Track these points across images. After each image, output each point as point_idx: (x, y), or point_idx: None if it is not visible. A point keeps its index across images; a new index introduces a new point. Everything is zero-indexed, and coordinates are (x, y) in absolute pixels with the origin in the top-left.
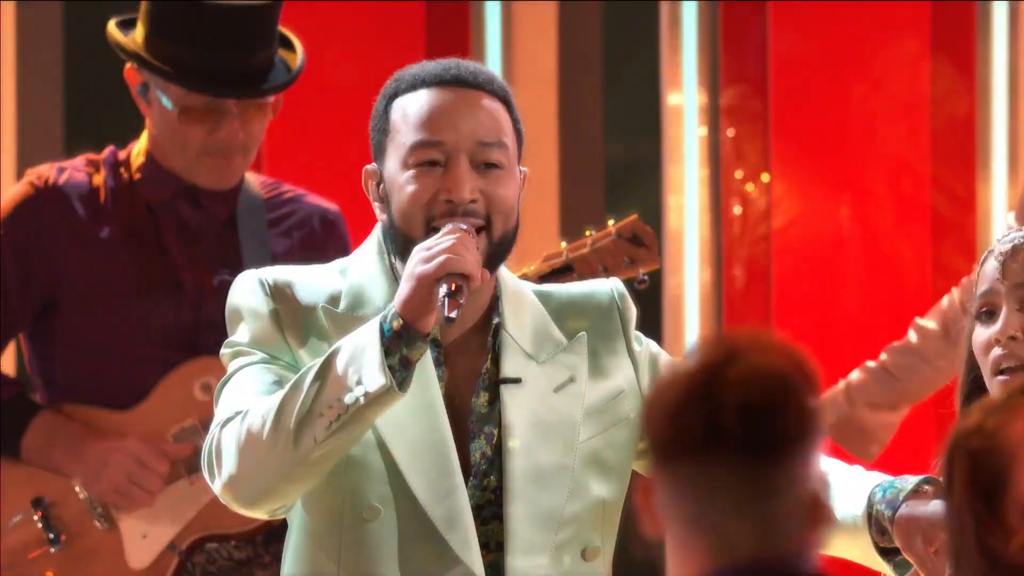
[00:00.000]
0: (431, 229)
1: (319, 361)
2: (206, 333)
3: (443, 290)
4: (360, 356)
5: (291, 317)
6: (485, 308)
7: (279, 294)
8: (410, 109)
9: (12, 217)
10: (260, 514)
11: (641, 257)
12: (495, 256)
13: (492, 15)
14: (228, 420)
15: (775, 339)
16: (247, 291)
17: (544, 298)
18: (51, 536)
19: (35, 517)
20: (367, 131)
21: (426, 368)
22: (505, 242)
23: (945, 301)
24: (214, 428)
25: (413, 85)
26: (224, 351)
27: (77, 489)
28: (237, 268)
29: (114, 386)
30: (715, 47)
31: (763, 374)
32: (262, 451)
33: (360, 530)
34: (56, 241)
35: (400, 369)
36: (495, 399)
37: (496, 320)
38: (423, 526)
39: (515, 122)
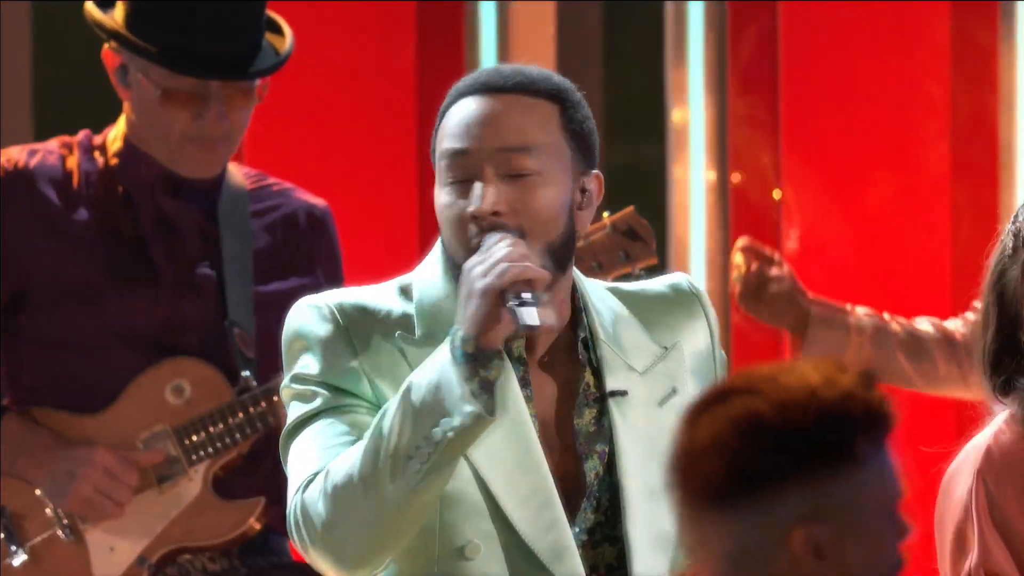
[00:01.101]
0: (472, 249)
1: (394, 402)
2: (183, 332)
3: (512, 301)
4: (438, 388)
5: (366, 346)
6: (567, 320)
7: (352, 323)
8: (444, 123)
9: None
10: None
11: (637, 252)
12: (552, 262)
13: (487, 15)
14: (308, 483)
15: (789, 380)
16: (314, 319)
17: (626, 300)
18: (13, 548)
19: None
20: (355, 133)
21: (513, 390)
22: (553, 249)
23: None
24: (294, 493)
25: (454, 97)
26: (291, 386)
27: (42, 500)
28: (217, 262)
29: (83, 386)
30: (723, 48)
31: (731, 422)
32: (357, 508)
33: (458, 566)
34: (25, 229)
35: (481, 393)
36: (600, 415)
37: (583, 334)
38: (527, 560)
39: (570, 121)
